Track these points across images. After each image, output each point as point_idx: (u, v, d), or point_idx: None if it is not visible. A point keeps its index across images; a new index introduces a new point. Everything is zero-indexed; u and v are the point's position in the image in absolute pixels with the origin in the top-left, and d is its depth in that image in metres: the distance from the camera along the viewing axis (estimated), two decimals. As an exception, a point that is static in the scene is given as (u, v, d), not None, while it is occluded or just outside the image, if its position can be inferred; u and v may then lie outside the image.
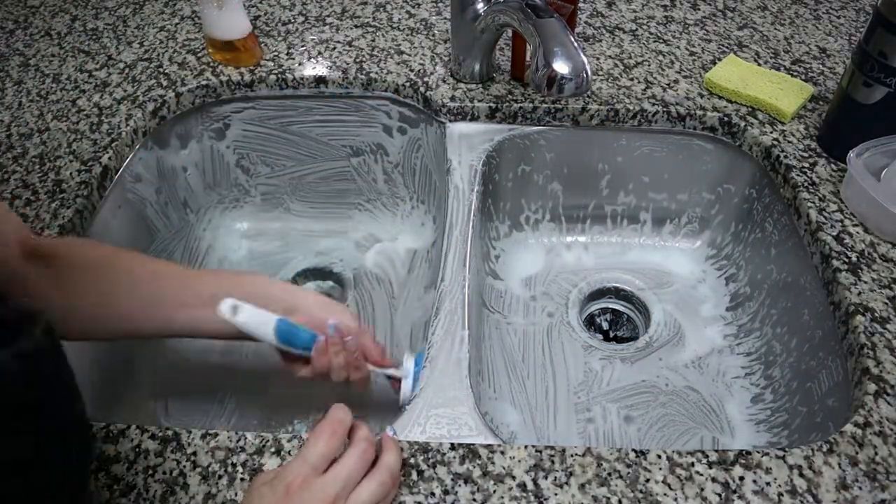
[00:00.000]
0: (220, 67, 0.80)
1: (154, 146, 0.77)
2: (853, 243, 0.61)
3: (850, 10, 0.93)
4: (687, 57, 0.82)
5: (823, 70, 0.81)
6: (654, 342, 0.74)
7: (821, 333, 0.60)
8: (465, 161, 0.72)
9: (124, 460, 0.47)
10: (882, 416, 0.49)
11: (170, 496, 0.45)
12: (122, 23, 0.89)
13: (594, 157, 0.79)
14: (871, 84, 0.63)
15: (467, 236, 0.65)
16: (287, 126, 0.83)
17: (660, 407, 0.69)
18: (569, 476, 0.46)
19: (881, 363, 0.52)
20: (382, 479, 0.42)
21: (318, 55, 0.82)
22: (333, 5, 0.91)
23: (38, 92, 0.78)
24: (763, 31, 0.87)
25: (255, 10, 0.91)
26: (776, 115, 0.73)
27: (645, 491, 0.45)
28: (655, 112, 0.74)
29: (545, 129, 0.76)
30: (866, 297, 0.56)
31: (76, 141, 0.71)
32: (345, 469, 0.41)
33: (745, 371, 0.70)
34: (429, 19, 0.89)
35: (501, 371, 0.72)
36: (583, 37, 0.85)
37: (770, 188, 0.71)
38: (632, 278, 0.80)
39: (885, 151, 0.64)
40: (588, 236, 0.85)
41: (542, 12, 0.61)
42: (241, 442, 0.48)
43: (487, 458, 0.47)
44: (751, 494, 0.45)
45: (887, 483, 0.45)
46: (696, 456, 0.47)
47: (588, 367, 0.72)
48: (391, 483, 0.43)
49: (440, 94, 0.76)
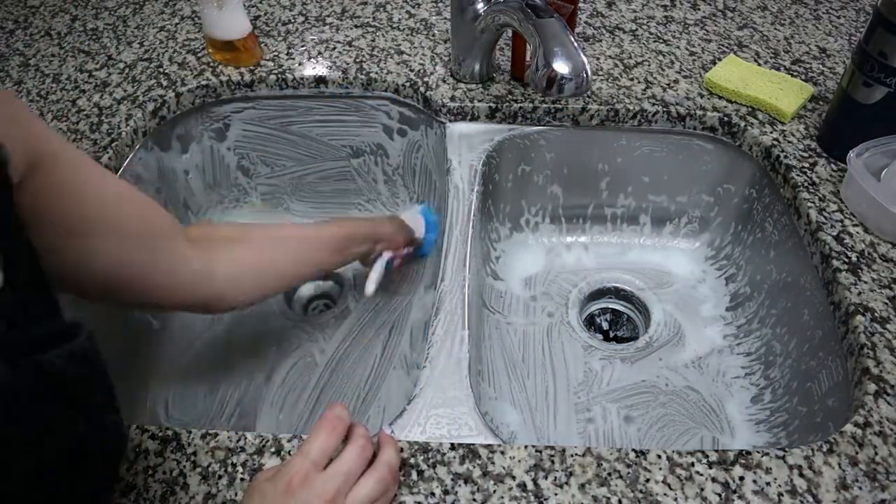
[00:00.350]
0: (220, 67, 0.80)
1: (154, 146, 0.77)
2: (853, 243, 0.61)
3: (850, 10, 0.93)
4: (687, 57, 0.82)
5: (823, 70, 0.81)
6: (654, 342, 0.74)
7: (821, 333, 0.60)
8: (465, 161, 0.72)
9: (124, 460, 0.47)
10: (882, 416, 0.49)
11: (170, 496, 0.45)
12: (122, 23, 0.89)
13: (594, 158, 0.79)
14: (871, 84, 0.63)
15: (467, 236, 0.65)
16: (287, 126, 0.83)
17: (660, 407, 0.69)
18: (569, 476, 0.46)
19: (881, 363, 0.52)
20: (381, 475, 0.43)
21: (318, 55, 0.82)
22: (333, 5, 0.91)
23: (38, 92, 0.78)
24: (763, 31, 0.87)
25: (255, 10, 0.91)
26: (776, 115, 0.73)
27: (645, 491, 0.45)
28: (655, 112, 0.74)
29: (545, 129, 0.76)
30: (866, 297, 0.56)
31: (76, 141, 0.71)
32: (344, 465, 0.42)
33: (745, 371, 0.70)
34: (429, 19, 0.89)
35: (501, 371, 0.72)
36: (583, 37, 0.85)
37: (770, 188, 0.71)
38: (632, 278, 0.80)
39: (885, 151, 0.64)
40: (588, 236, 0.85)
41: (542, 12, 0.61)
42: (241, 442, 0.48)
43: (487, 458, 0.47)
44: (751, 494, 0.45)
45: (887, 483, 0.45)
46: (696, 456, 0.47)
47: (588, 367, 0.72)
48: (390, 479, 0.43)
49: (440, 94, 0.76)
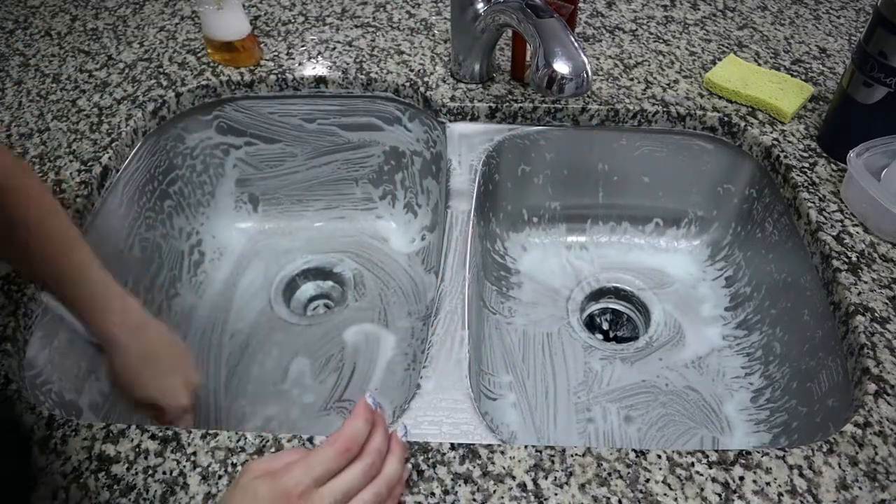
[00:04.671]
0: (220, 67, 0.80)
1: (154, 146, 0.77)
2: (853, 243, 0.61)
3: (850, 10, 0.93)
4: (687, 57, 0.82)
5: (823, 70, 0.81)
6: (654, 342, 0.74)
7: (821, 333, 0.60)
8: (465, 161, 0.72)
9: (124, 460, 0.47)
10: (882, 416, 0.49)
11: (170, 496, 0.45)
12: (122, 23, 0.89)
13: (594, 158, 0.79)
14: (871, 84, 0.63)
15: (467, 236, 0.65)
16: (287, 126, 0.83)
17: (660, 407, 0.69)
18: (569, 476, 0.46)
19: (881, 363, 0.52)
20: (378, 490, 0.41)
21: (318, 55, 0.82)
22: (333, 5, 0.91)
23: (38, 92, 0.78)
24: (763, 31, 0.87)
25: (255, 10, 0.91)
26: (776, 115, 0.73)
27: (645, 491, 0.45)
28: (655, 112, 0.74)
29: (545, 129, 0.76)
30: (866, 297, 0.56)
31: (76, 141, 0.71)
32: (345, 484, 0.40)
33: (745, 371, 0.70)
34: (429, 19, 0.89)
35: (501, 371, 0.72)
36: (583, 37, 0.85)
37: (770, 188, 0.71)
38: (632, 278, 0.80)
39: (885, 151, 0.64)
40: (588, 236, 0.85)
41: (542, 12, 0.61)
42: (241, 442, 0.48)
43: (487, 458, 0.47)
44: (751, 494, 0.45)
45: (887, 483, 0.45)
46: (696, 456, 0.47)
47: (588, 367, 0.72)
48: (386, 494, 0.42)
49: (440, 94, 0.76)
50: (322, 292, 0.84)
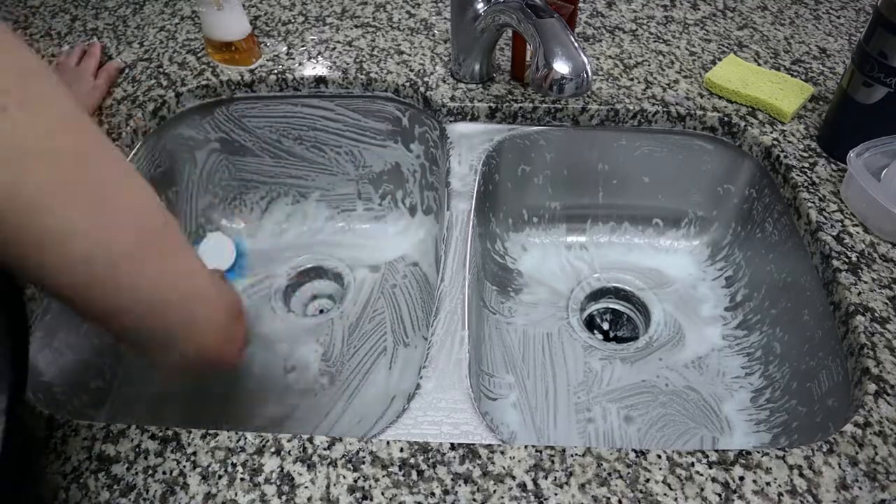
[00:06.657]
0: (220, 67, 0.80)
1: (154, 146, 0.77)
2: (853, 243, 0.61)
3: (850, 10, 0.93)
4: (687, 57, 0.82)
5: (823, 70, 0.81)
6: (654, 342, 0.74)
7: (821, 333, 0.60)
8: (465, 161, 0.72)
9: (124, 460, 0.47)
10: (882, 416, 0.49)
11: (170, 496, 0.45)
12: (122, 23, 0.89)
13: (594, 158, 0.79)
14: (871, 84, 0.63)
15: (467, 236, 0.65)
16: (287, 126, 0.83)
17: (660, 407, 0.69)
18: (569, 476, 0.46)
19: (881, 363, 0.52)
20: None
21: (318, 55, 0.82)
22: (333, 5, 0.91)
23: (38, 92, 0.78)
24: (763, 31, 0.87)
25: (255, 10, 0.91)
26: (776, 115, 0.73)
27: (645, 491, 0.45)
28: (655, 112, 0.74)
29: (545, 129, 0.76)
30: (866, 297, 0.56)
31: (76, 141, 0.71)
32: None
33: (745, 371, 0.70)
34: (429, 19, 0.89)
35: (501, 371, 0.72)
36: (583, 37, 0.85)
37: (770, 188, 0.71)
38: (632, 278, 0.81)
39: (885, 151, 0.64)
40: (588, 236, 0.85)
41: (542, 12, 0.61)
42: (241, 442, 0.48)
43: (487, 458, 0.47)
44: (751, 494, 0.45)
45: (887, 483, 0.45)
46: (696, 456, 0.47)
47: (588, 367, 0.72)
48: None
49: (440, 94, 0.76)
50: (322, 292, 0.84)
